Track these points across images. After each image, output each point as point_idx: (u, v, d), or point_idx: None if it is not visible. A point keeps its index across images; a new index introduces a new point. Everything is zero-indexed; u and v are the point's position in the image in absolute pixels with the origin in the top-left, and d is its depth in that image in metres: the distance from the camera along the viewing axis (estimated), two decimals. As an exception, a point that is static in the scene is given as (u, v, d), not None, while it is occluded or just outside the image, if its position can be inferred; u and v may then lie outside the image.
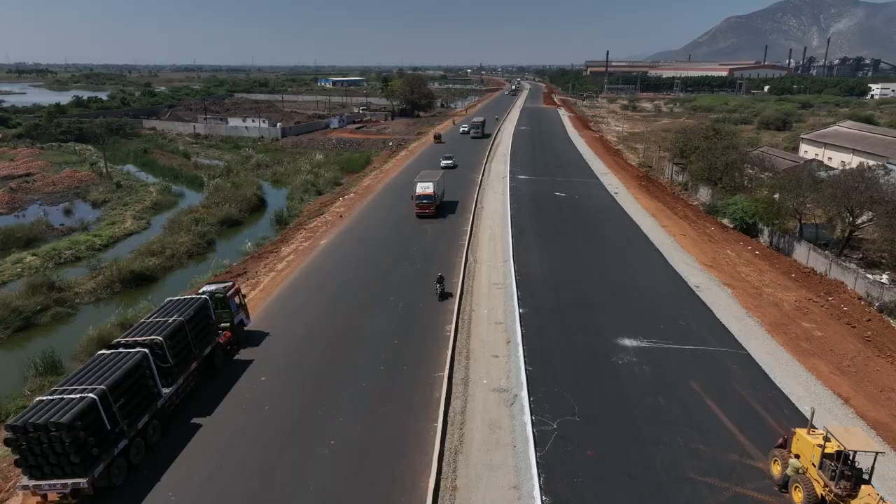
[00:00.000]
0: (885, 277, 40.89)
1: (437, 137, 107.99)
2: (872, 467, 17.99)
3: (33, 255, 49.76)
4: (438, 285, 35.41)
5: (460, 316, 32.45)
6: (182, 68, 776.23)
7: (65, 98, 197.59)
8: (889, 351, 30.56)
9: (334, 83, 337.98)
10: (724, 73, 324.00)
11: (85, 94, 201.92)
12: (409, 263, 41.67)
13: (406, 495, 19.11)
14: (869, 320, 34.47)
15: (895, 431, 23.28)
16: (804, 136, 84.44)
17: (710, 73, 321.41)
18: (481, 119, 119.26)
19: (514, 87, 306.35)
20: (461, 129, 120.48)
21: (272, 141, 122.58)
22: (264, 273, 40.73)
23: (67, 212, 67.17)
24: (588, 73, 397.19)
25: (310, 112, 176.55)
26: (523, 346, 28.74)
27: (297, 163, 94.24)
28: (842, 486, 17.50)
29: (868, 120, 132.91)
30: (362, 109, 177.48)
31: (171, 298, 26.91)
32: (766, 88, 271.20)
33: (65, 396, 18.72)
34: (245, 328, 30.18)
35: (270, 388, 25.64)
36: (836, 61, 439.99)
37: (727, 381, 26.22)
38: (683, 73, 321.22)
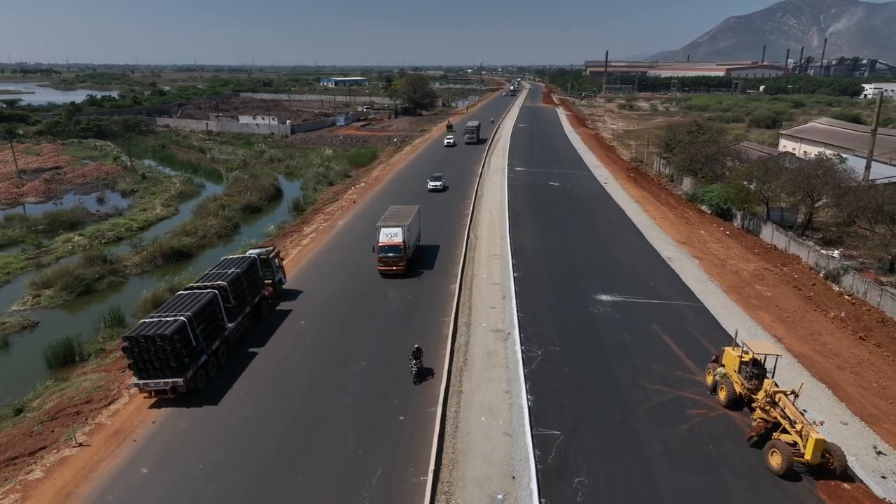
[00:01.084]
0: (836, 253, 46.56)
1: (450, 127, 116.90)
2: (774, 367, 23.73)
3: (80, 235, 55.51)
4: (414, 361, 25.90)
5: (463, 279, 38.17)
6: (184, 68, 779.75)
7: (74, 97, 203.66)
8: (825, 307, 36.27)
9: (336, 83, 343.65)
10: (721, 73, 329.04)
11: (93, 94, 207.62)
12: (423, 234, 47.36)
13: (423, 395, 24.87)
14: (814, 284, 40.20)
15: (813, 360, 28.98)
16: (783, 132, 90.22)
17: (707, 73, 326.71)
18: (476, 123, 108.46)
19: (512, 87, 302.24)
20: (446, 140, 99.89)
21: (282, 137, 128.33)
22: (291, 247, 46.49)
23: (100, 200, 72.86)
24: (588, 73, 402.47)
25: (315, 111, 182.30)
26: (516, 299, 34.51)
27: (308, 157, 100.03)
28: (752, 384, 23.20)
29: (855, 119, 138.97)
30: (366, 108, 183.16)
31: (226, 257, 32.72)
32: (762, 88, 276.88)
33: (162, 319, 24.45)
34: (283, 286, 35.92)
35: (309, 328, 31.40)
36: (834, 61, 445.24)
37: (683, 325, 31.94)
38: (681, 73, 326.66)
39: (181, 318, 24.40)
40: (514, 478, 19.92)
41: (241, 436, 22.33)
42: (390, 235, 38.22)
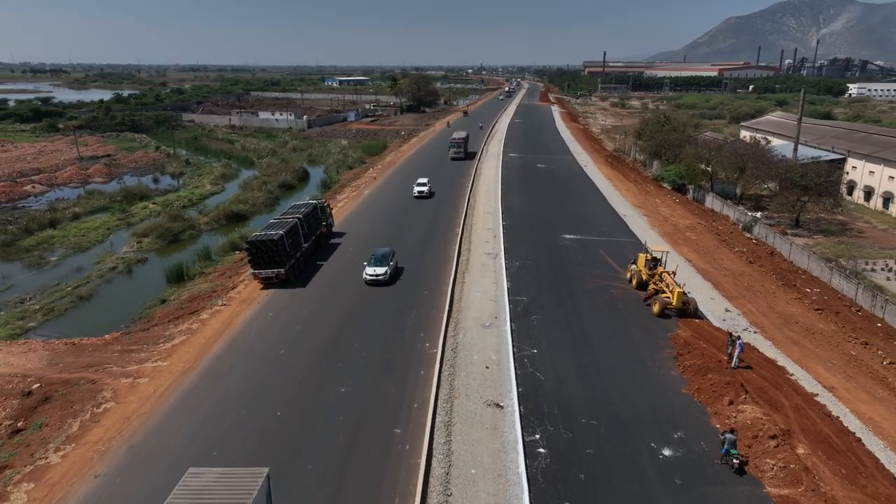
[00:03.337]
0: (759, 214, 59.32)
1: (466, 114, 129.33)
2: (665, 258, 36.58)
3: (153, 203, 68.34)
4: None
5: (465, 225, 50.95)
6: (187, 68, 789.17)
7: (92, 96, 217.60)
8: (733, 245, 48.98)
9: (340, 83, 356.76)
10: (714, 74, 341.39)
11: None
12: (429, 202, 60.19)
13: (440, 278, 37.68)
14: (731, 233, 52.96)
15: (708, 271, 41.71)
16: (743, 124, 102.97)
17: (700, 74, 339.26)
18: (462, 135, 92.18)
19: (507, 89, 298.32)
20: (416, 189, 63.51)
21: (300, 131, 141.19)
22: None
23: (155, 180, 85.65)
24: (586, 73, 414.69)
25: (325, 108, 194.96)
26: (503, 237, 47.34)
27: (327, 147, 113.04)
28: (651, 272, 35.94)
29: (826, 115, 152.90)
30: (373, 106, 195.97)
31: (295, 203, 45.54)
32: (751, 88, 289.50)
33: (268, 232, 37.29)
34: (332, 229, 48.77)
35: (356, 252, 44.24)
36: (826, 62, 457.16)
37: (621, 251, 44.69)
38: (676, 74, 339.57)
39: (280, 231, 37.25)
40: (496, 317, 32.74)
41: (324, 302, 35.17)
42: None
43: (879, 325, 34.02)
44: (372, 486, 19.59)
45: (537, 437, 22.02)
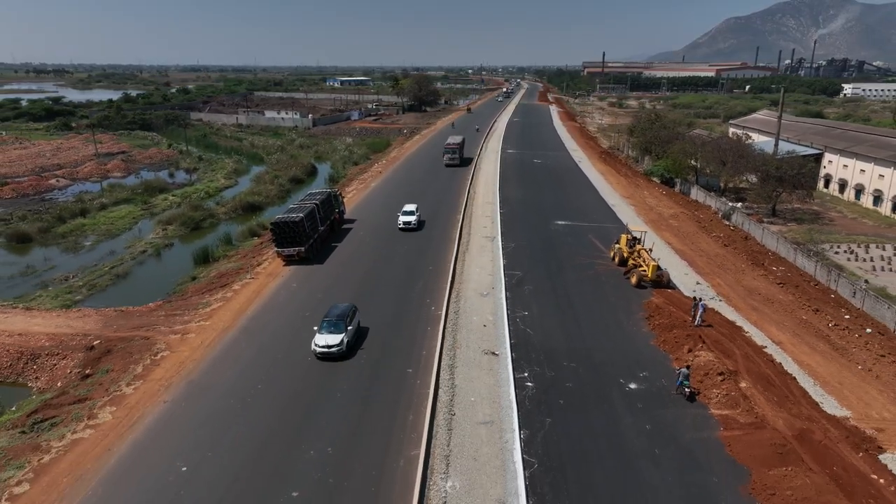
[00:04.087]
0: (739, 204, 63.76)
1: (469, 111, 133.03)
2: (643, 237, 41.01)
3: (173, 195, 72.80)
4: None
5: (465, 213, 55.40)
6: (189, 68, 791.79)
7: (97, 96, 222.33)
8: (711, 231, 53.40)
9: (342, 83, 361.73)
10: (712, 74, 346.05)
11: (114, 93, 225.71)
12: (433, 193, 64.65)
13: (443, 257, 42.12)
14: (711, 221, 57.38)
15: (686, 252, 46.13)
16: (731, 122, 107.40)
17: (698, 74, 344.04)
18: (458, 139, 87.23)
19: (506, 90, 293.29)
20: (402, 219, 51.51)
21: (305, 129, 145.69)
22: (340, 198, 63.67)
23: (171, 175, 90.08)
24: (585, 73, 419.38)
25: (329, 107, 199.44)
26: (500, 223, 51.81)
27: (333, 144, 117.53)
28: (630, 250, 40.37)
29: (818, 115, 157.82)
30: (376, 105, 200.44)
31: (311, 191, 49.98)
32: (747, 88, 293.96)
33: (289, 215, 41.72)
34: (343, 216, 53.21)
35: (366, 237, 48.75)
36: (823, 63, 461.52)
37: (608, 235, 49.07)
38: (674, 74, 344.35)
39: (301, 214, 41.74)
40: (493, 288, 37.21)
41: (340, 277, 39.65)
42: None
43: (833, 296, 38.47)
44: (391, 405, 24.12)
45: (526, 374, 26.50)
